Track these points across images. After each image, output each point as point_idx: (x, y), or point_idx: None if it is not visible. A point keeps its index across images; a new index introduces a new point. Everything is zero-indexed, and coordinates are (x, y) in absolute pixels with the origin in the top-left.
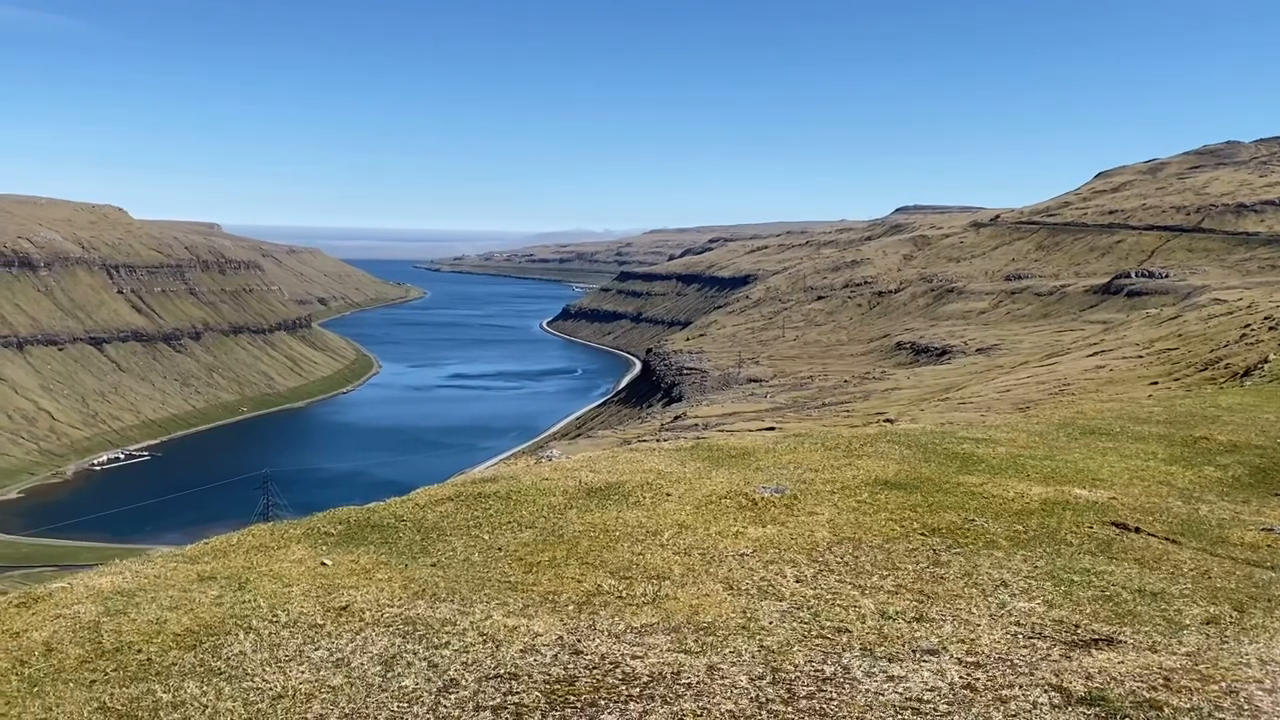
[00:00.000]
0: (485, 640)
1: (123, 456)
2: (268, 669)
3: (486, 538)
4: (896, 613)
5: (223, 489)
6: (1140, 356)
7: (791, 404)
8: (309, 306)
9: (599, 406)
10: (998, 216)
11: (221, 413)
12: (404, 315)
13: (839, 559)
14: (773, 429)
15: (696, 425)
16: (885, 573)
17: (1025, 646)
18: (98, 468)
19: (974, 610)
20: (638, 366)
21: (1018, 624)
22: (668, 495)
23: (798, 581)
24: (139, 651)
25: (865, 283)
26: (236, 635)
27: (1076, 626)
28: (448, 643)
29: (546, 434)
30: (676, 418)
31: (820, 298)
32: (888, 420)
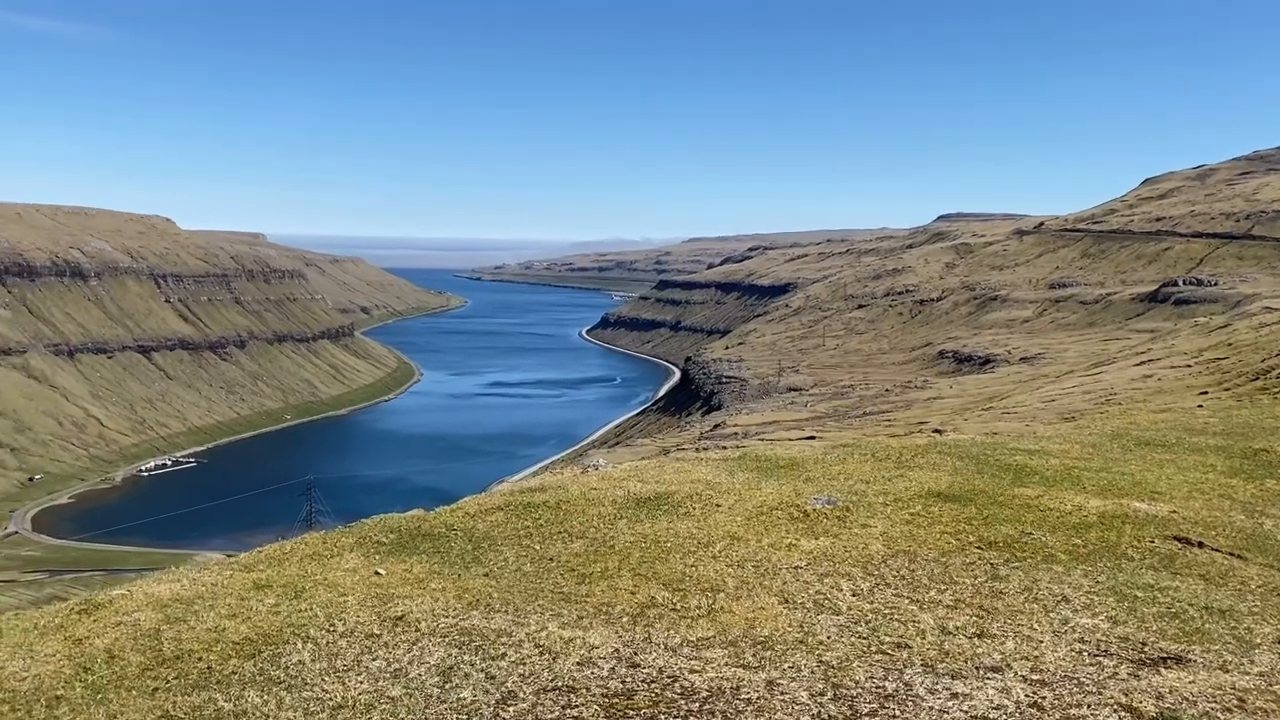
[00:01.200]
0: (542, 652)
1: (169, 463)
2: (327, 679)
3: (538, 548)
4: (957, 628)
5: (267, 495)
6: (1189, 366)
7: (832, 413)
8: (352, 315)
9: (638, 415)
10: (1041, 224)
11: (266, 420)
12: (445, 324)
13: (895, 572)
14: (814, 438)
15: (736, 434)
16: (943, 587)
17: (1091, 664)
18: (145, 474)
19: (1036, 626)
20: (676, 375)
21: (1082, 641)
22: (718, 506)
23: (854, 595)
24: (199, 660)
25: (907, 291)
26: (295, 644)
27: (1143, 644)
28: (504, 654)
29: (586, 442)
30: (716, 426)
31: (861, 306)
32: (936, 431)
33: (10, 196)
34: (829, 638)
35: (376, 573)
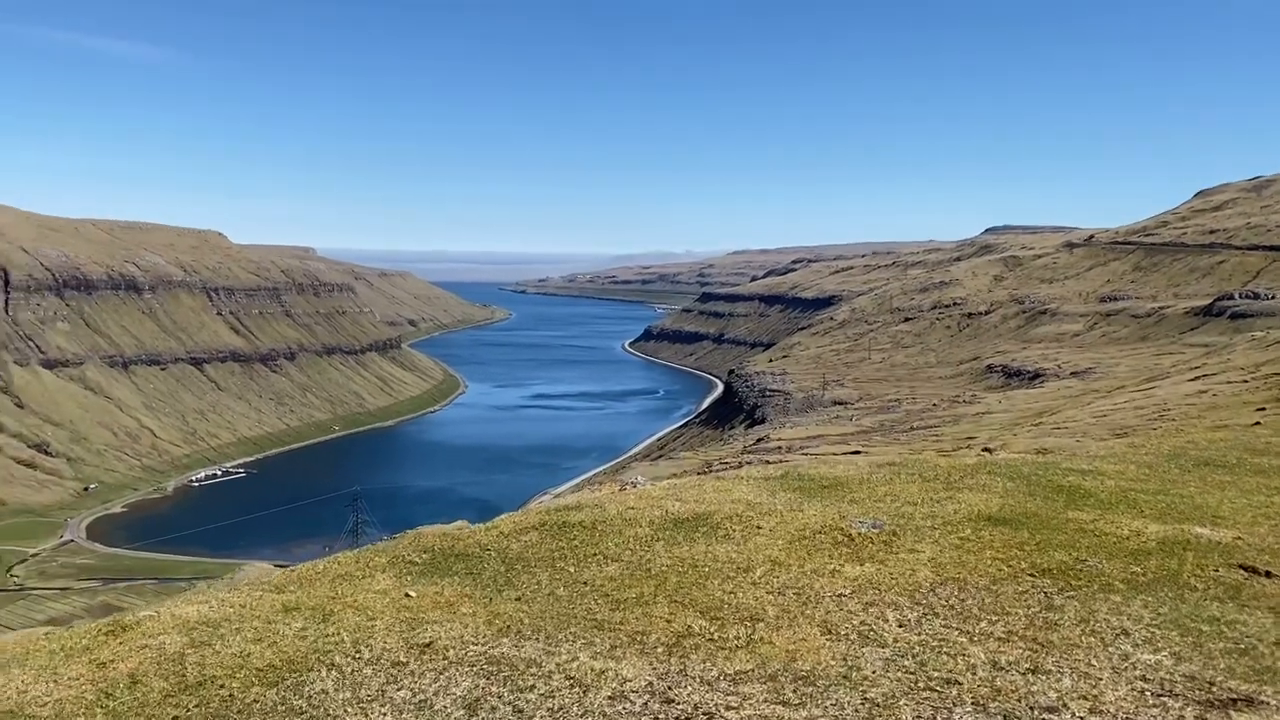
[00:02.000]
0: (572, 685)
1: (220, 473)
2: (349, 710)
3: (572, 570)
4: (1009, 663)
5: (315, 506)
6: (1245, 381)
7: (878, 427)
8: (399, 328)
9: (680, 427)
10: (1092, 237)
11: (314, 431)
12: (490, 336)
13: (944, 601)
14: (859, 453)
15: (780, 448)
16: (994, 618)
17: (1155, 705)
18: (196, 484)
19: (1094, 662)
20: (719, 388)
21: (1144, 679)
22: (758, 528)
23: (900, 626)
24: (222, 686)
25: (954, 304)
26: (319, 672)
27: (1210, 683)
28: (533, 686)
29: (628, 455)
30: (759, 440)
31: (907, 319)
32: (985, 449)
33: (68, 211)
34: (874, 672)
35: (407, 595)
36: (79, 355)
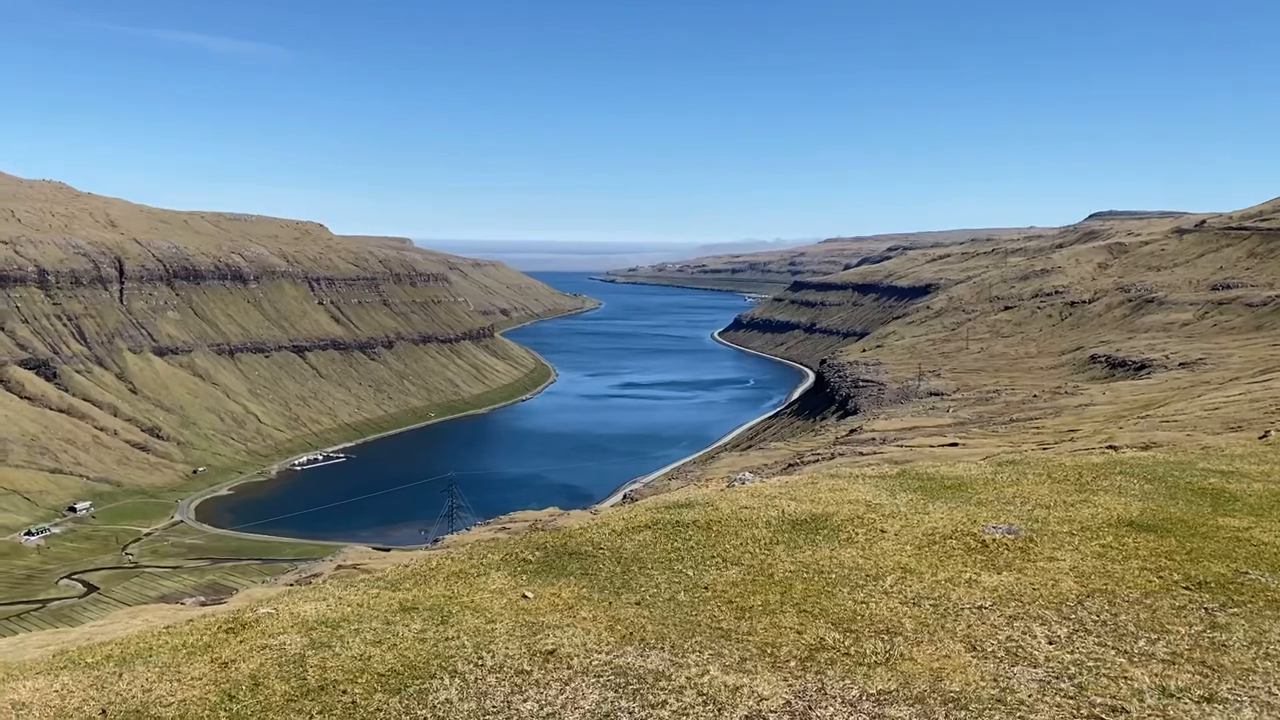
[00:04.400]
0: (705, 701)
1: (320, 458)
2: None
3: (690, 574)
4: (1180, 689)
5: (412, 490)
6: None
7: (976, 419)
8: (492, 317)
9: (771, 418)
10: (1203, 222)
11: (411, 418)
12: (580, 325)
13: (1094, 616)
14: (956, 445)
15: (873, 439)
16: (1153, 636)
17: None
18: (298, 468)
19: (1276, 690)
20: (811, 378)
21: None
22: (883, 532)
23: (1050, 643)
24: (344, 692)
25: (1056, 292)
26: (441, 679)
27: None
28: (664, 701)
29: (717, 444)
30: (852, 431)
31: (1007, 308)
32: (1111, 446)
33: (178, 205)
34: (1030, 696)
35: (524, 595)
36: (188, 343)
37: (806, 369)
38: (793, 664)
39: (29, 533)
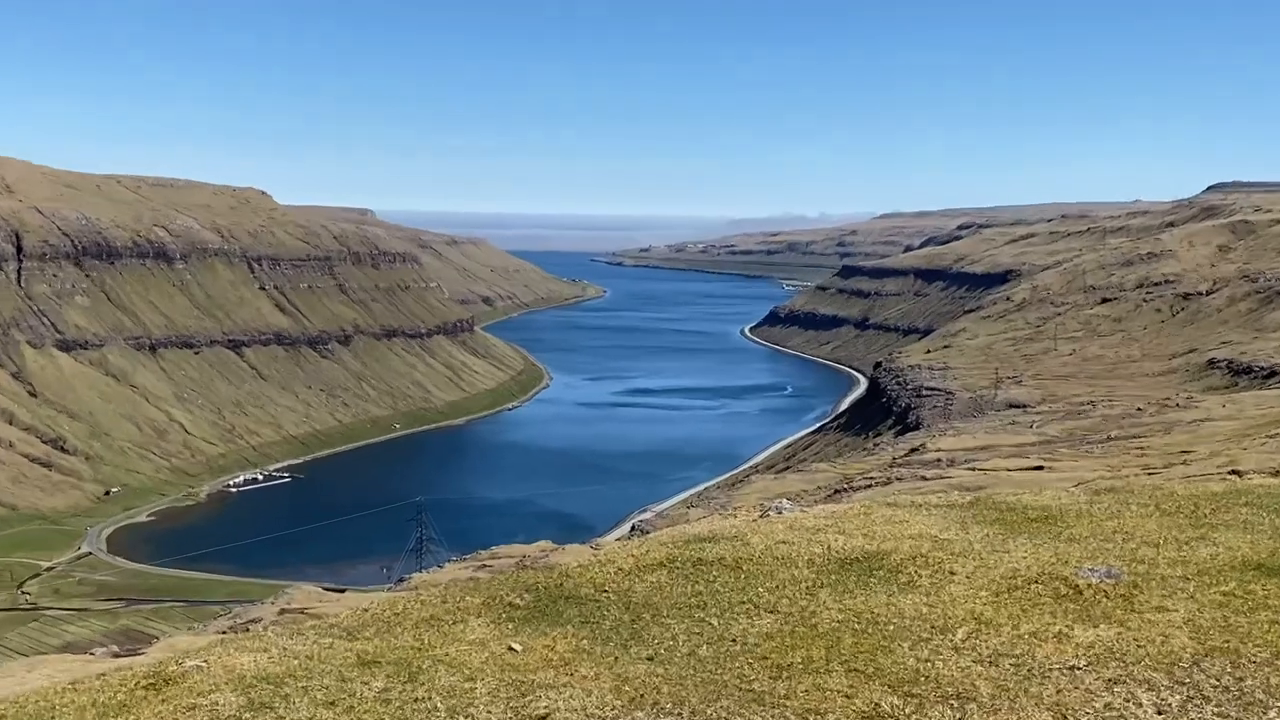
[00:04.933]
0: None
1: (261, 477)
2: None
3: (715, 624)
4: None
5: (371, 518)
6: None
7: (1065, 437)
8: (472, 307)
9: (813, 433)
10: None
11: (371, 430)
12: (580, 318)
13: (1214, 681)
14: (1041, 468)
15: (939, 461)
16: None
17: None
18: (234, 489)
19: None
20: (862, 384)
21: None
22: (952, 574)
23: (1160, 713)
24: None
25: (1166, 281)
26: None
27: None
28: None
29: (747, 465)
30: (913, 450)
31: (1105, 300)
32: (1234, 471)
33: (91, 167)
34: None
35: (511, 648)
36: (100, 336)
37: (857, 373)
38: None
39: None
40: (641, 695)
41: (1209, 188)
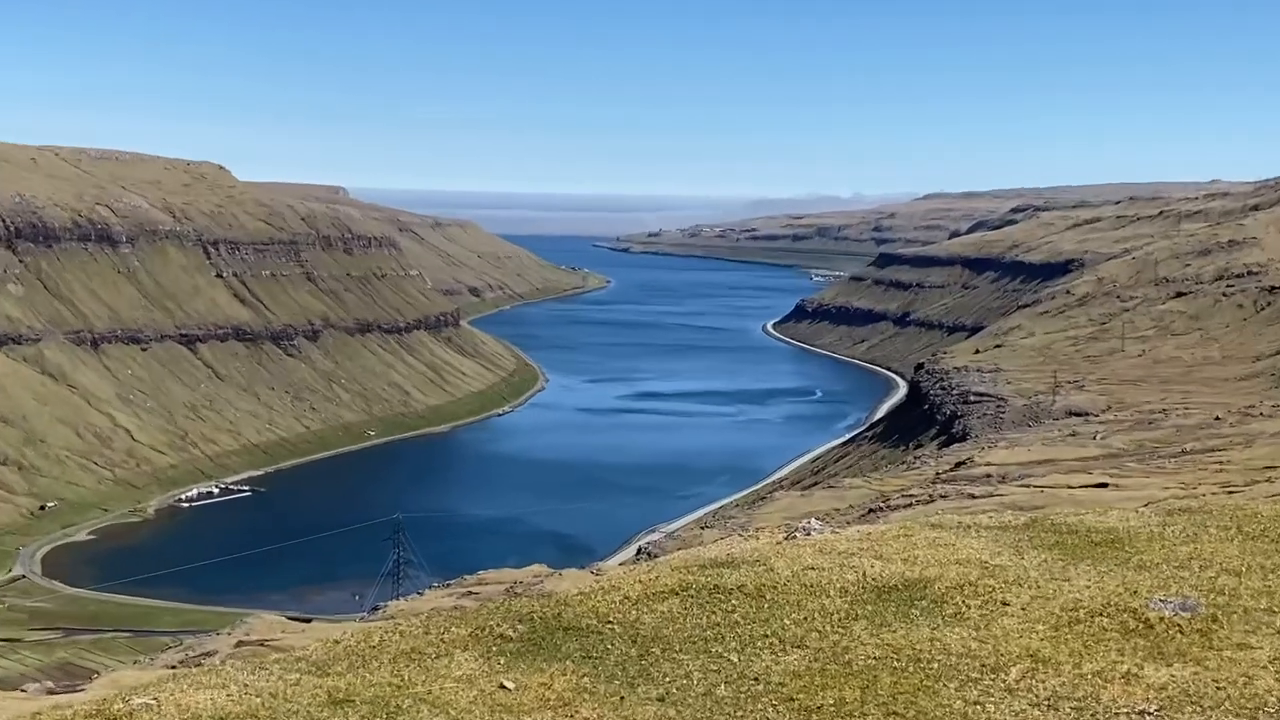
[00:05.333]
0: None
1: (217, 491)
2: None
3: (734, 660)
4: None
5: (342, 538)
6: None
7: (1134, 450)
8: (457, 298)
9: (845, 443)
10: None
11: (342, 437)
12: (580, 311)
13: None
14: (1106, 485)
15: (990, 476)
16: None
17: None
18: (186, 504)
19: None
20: (902, 388)
21: None
22: (1004, 605)
23: None
24: None
25: (1249, 272)
26: None
27: None
28: None
29: (770, 480)
30: (959, 464)
31: (1180, 294)
32: None
33: (25, 138)
34: None
35: (502, 685)
36: (35, 330)
37: (896, 376)
38: None
39: None
40: None
41: None
